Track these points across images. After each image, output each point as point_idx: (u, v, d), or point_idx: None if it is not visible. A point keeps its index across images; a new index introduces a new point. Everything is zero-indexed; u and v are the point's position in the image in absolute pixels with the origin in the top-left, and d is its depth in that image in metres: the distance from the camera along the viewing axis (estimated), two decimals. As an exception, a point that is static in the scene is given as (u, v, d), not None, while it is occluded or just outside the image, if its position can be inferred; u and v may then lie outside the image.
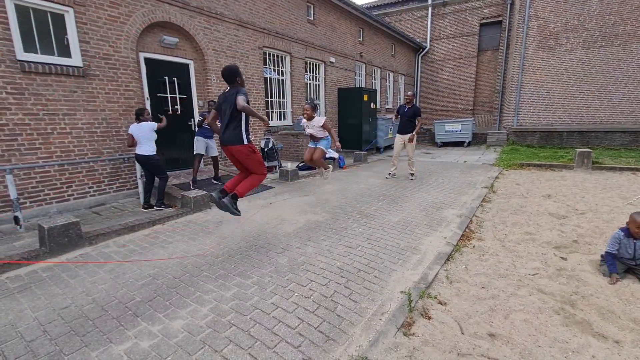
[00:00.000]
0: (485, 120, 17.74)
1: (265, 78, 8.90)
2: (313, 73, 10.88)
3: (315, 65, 10.90)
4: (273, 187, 6.45)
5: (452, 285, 2.89)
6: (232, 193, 3.42)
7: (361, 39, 12.91)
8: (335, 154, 8.64)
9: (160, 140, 5.49)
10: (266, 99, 9.05)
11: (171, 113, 6.61)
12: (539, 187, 6.39)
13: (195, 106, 7.11)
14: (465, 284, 2.89)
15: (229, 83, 3.39)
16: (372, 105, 11.52)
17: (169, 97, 6.61)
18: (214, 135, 6.24)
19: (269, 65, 9.06)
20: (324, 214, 4.81)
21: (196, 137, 6.18)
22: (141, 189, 5.37)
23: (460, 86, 17.83)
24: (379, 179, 7.26)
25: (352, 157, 9.99)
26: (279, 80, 9.53)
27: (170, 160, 6.82)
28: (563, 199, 5.49)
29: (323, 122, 4.92)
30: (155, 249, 3.70)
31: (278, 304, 2.56)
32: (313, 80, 10.92)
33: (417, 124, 7.01)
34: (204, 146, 6.16)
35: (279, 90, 9.59)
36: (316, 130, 5.06)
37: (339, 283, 2.87)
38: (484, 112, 17.78)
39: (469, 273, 3.10)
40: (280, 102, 9.72)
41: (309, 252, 3.50)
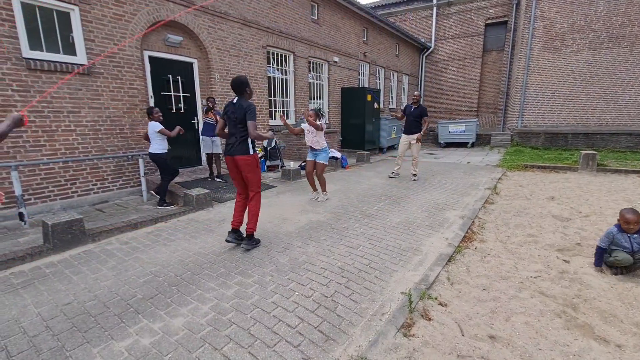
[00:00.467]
0: (489, 121, 17.63)
1: (269, 77, 8.91)
2: (316, 72, 10.87)
3: (319, 64, 10.89)
4: (275, 187, 6.46)
5: (453, 286, 2.88)
6: (247, 234, 3.57)
7: (365, 39, 12.87)
8: (338, 154, 8.64)
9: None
10: (269, 98, 9.06)
11: (175, 111, 6.66)
12: (543, 189, 6.34)
13: (199, 105, 7.15)
14: (466, 286, 2.88)
15: (237, 93, 3.47)
16: (376, 105, 11.49)
17: (173, 96, 6.65)
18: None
19: (272, 65, 9.07)
20: (325, 213, 4.82)
21: (201, 137, 6.51)
22: (144, 186, 5.40)
23: (465, 87, 17.72)
24: (381, 179, 7.25)
25: (354, 157, 9.98)
26: (282, 79, 9.54)
27: (173, 159, 6.82)
28: (567, 202, 5.45)
29: (316, 126, 5.03)
30: (157, 246, 3.72)
31: (278, 303, 2.57)
32: (316, 79, 10.92)
33: (423, 124, 6.99)
34: (210, 144, 6.39)
35: (282, 89, 9.60)
36: (312, 140, 5.22)
37: (340, 283, 2.87)
38: (488, 113, 17.66)
39: (470, 274, 3.09)
40: (283, 101, 9.73)
41: (310, 252, 3.50)
